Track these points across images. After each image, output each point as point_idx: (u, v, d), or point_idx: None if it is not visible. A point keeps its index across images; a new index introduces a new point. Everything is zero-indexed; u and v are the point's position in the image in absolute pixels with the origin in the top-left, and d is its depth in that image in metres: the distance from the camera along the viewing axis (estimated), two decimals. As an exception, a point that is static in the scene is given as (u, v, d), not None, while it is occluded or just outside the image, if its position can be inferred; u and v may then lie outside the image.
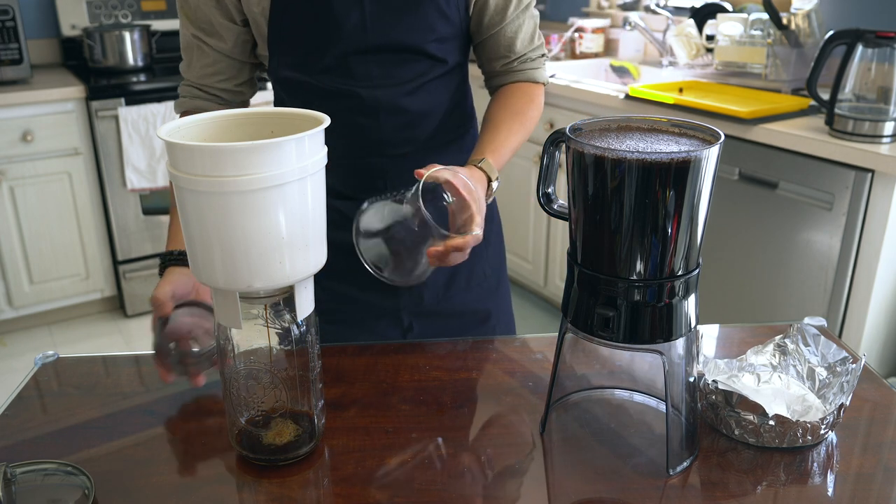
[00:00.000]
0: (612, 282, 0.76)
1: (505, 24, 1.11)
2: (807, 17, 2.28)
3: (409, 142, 1.12)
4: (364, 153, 1.11)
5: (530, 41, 1.15)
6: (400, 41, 1.05)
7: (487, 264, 1.24)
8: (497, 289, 1.27)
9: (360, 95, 1.07)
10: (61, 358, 1.05)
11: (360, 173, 1.13)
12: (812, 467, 0.81)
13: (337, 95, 1.07)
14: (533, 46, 1.16)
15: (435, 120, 1.13)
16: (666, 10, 2.85)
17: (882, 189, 1.77)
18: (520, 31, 1.13)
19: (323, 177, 0.77)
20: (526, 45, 1.15)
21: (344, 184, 1.13)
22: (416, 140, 1.12)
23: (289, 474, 0.81)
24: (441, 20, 1.06)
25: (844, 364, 0.90)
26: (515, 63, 1.15)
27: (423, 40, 1.06)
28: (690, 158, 0.70)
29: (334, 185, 1.13)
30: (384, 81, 1.07)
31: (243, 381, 0.82)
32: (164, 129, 0.73)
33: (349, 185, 1.14)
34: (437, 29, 1.07)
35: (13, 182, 2.76)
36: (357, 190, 1.13)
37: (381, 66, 1.06)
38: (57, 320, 3.09)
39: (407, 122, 1.10)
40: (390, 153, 1.12)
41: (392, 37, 1.04)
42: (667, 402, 0.80)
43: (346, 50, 1.04)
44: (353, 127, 1.09)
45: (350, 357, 1.05)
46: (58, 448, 0.87)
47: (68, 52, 3.23)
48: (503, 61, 1.15)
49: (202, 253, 0.73)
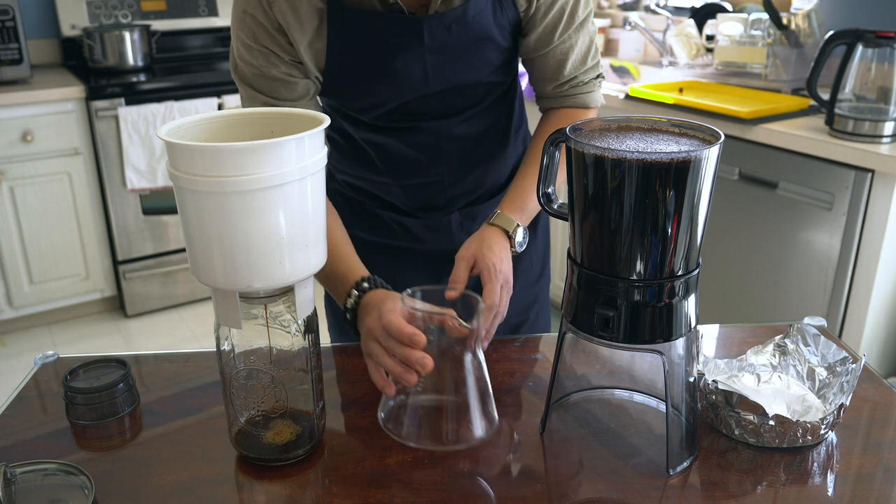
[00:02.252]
0: (613, 282, 0.76)
1: (553, 47, 1.04)
2: (807, 17, 2.28)
3: (467, 161, 1.11)
4: (423, 176, 1.11)
5: (582, 62, 1.07)
6: (460, 81, 1.03)
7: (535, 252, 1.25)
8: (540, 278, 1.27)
9: (419, 128, 1.06)
10: (61, 358, 1.05)
11: (419, 193, 1.13)
12: (812, 467, 0.81)
13: (394, 130, 1.07)
14: (585, 68, 1.08)
15: (492, 136, 1.12)
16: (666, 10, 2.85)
17: (882, 189, 1.77)
18: (570, 52, 1.05)
19: (323, 177, 0.77)
20: (577, 66, 1.06)
21: (405, 204, 1.14)
22: (474, 157, 1.12)
23: (289, 474, 0.81)
24: (497, 52, 1.03)
25: (844, 364, 0.90)
26: (566, 87, 1.08)
27: (482, 75, 1.04)
28: (690, 158, 0.70)
29: (394, 204, 1.15)
30: (443, 112, 1.06)
31: (243, 381, 0.82)
32: (164, 129, 0.73)
33: (409, 205, 1.14)
34: (495, 60, 1.03)
35: (13, 182, 2.75)
36: (417, 209, 1.14)
37: (440, 100, 1.04)
38: (57, 320, 3.09)
39: (465, 144, 1.10)
40: (449, 173, 1.11)
41: (452, 80, 1.02)
42: (667, 402, 0.80)
43: (407, 99, 1.03)
44: (410, 155, 1.09)
45: (350, 357, 1.05)
46: (58, 448, 0.87)
47: (68, 52, 3.23)
48: (552, 84, 1.08)
49: (202, 253, 0.73)
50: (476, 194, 1.16)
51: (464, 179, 1.13)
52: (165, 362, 1.05)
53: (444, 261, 1.15)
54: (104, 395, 0.90)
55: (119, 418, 0.92)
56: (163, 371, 1.03)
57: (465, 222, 1.16)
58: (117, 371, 0.94)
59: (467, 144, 1.10)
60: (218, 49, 3.54)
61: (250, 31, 0.95)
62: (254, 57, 0.96)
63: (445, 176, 1.11)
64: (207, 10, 3.45)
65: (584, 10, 1.04)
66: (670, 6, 2.93)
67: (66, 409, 0.92)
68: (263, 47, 0.95)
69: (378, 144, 1.08)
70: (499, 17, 0.99)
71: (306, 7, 0.93)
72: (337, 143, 1.12)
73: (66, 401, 0.91)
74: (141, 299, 3.11)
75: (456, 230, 1.15)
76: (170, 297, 3.17)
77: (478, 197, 1.16)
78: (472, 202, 1.16)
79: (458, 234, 1.15)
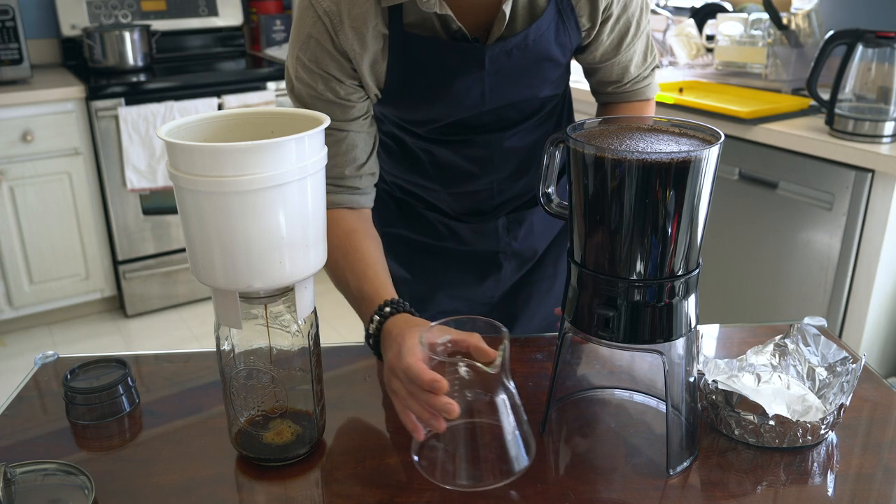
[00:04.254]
0: (613, 282, 0.76)
1: (618, 58, 1.03)
2: (807, 17, 2.28)
3: (518, 171, 1.11)
4: (473, 185, 1.11)
5: (643, 61, 1.06)
6: (517, 98, 1.02)
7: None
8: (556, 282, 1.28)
9: (472, 140, 1.06)
10: (61, 358, 1.05)
11: (467, 200, 1.13)
12: (812, 467, 0.81)
13: (447, 142, 1.06)
14: (645, 65, 1.07)
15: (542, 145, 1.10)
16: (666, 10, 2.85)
17: (882, 189, 1.77)
18: (634, 57, 1.04)
19: (323, 177, 0.77)
20: (638, 66, 1.06)
21: (452, 209, 1.14)
22: (523, 167, 1.11)
23: (289, 474, 0.81)
24: (555, 69, 1.01)
25: (844, 364, 0.90)
26: (627, 85, 1.08)
27: (539, 91, 1.03)
28: (690, 158, 0.70)
29: (442, 209, 1.15)
30: (497, 126, 1.05)
31: (243, 381, 0.82)
32: (164, 129, 0.73)
33: (457, 210, 1.14)
34: (551, 77, 1.02)
35: (13, 182, 2.75)
36: (464, 214, 1.14)
37: (496, 115, 1.04)
38: (57, 320, 3.09)
39: (516, 155, 1.09)
40: (499, 183, 1.11)
41: (509, 97, 1.02)
42: (667, 402, 0.80)
43: (462, 116, 1.02)
44: (462, 165, 1.08)
45: (350, 357, 1.05)
46: (58, 448, 0.87)
47: (68, 52, 3.23)
48: (615, 86, 1.08)
49: (202, 253, 0.73)
50: (523, 200, 1.15)
51: (513, 187, 1.12)
52: (165, 362, 1.05)
53: (488, 262, 1.16)
54: (104, 395, 0.90)
55: (119, 418, 0.91)
56: (163, 371, 1.03)
57: (511, 227, 1.16)
58: (117, 371, 0.94)
59: (519, 155, 1.09)
60: (218, 49, 3.54)
61: (312, 55, 0.93)
62: (313, 80, 0.94)
63: (495, 185, 1.11)
64: (207, 10, 3.45)
65: (646, 17, 1.02)
66: (670, 6, 2.93)
67: (66, 409, 0.92)
68: (324, 72, 0.94)
69: (431, 153, 1.08)
70: (561, 37, 0.96)
71: (372, 33, 0.91)
72: (389, 148, 1.11)
73: (66, 401, 0.91)
74: (141, 299, 3.11)
75: (502, 234, 1.15)
76: (170, 297, 3.17)
77: (524, 203, 1.16)
78: (518, 207, 1.16)
79: (503, 238, 1.15)
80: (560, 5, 0.93)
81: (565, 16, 0.94)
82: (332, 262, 0.95)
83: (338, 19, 0.89)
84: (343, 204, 1.00)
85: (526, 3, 0.92)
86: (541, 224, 1.17)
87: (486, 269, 1.16)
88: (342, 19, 0.89)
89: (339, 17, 0.89)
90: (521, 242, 1.16)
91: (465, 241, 1.15)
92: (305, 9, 0.91)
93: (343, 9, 0.89)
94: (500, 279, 1.18)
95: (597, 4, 0.94)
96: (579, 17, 0.95)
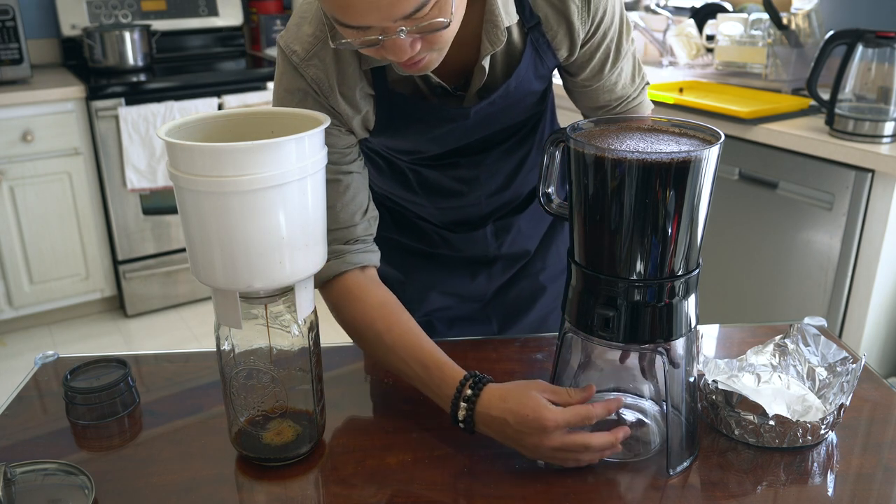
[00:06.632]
0: (613, 282, 0.76)
1: (602, 82, 0.99)
2: (807, 17, 2.28)
3: (504, 184, 1.12)
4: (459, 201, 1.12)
5: (631, 81, 1.02)
6: (501, 126, 1.03)
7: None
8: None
9: (458, 163, 1.06)
10: (61, 358, 1.05)
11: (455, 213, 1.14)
12: (812, 467, 0.81)
13: (433, 165, 1.07)
14: (634, 86, 1.02)
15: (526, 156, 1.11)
16: (666, 10, 2.85)
17: (882, 189, 1.77)
18: (620, 78, 1.00)
19: (323, 176, 0.77)
20: (627, 87, 1.02)
21: (440, 220, 1.15)
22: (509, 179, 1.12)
23: (289, 474, 0.81)
24: (536, 97, 1.01)
25: (844, 364, 0.90)
26: (617, 107, 1.04)
27: (522, 117, 1.04)
28: (690, 158, 0.70)
29: (433, 220, 1.16)
30: (481, 148, 1.06)
31: (243, 381, 0.82)
32: (164, 129, 0.73)
33: (444, 222, 1.16)
34: (533, 104, 1.03)
35: (13, 182, 2.75)
36: (455, 225, 1.16)
37: (480, 140, 1.04)
38: (57, 320, 3.09)
39: (502, 171, 1.10)
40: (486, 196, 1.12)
41: (494, 126, 1.01)
42: (667, 402, 0.80)
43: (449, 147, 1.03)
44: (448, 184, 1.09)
45: (350, 357, 1.05)
46: (58, 448, 0.87)
47: (68, 52, 3.22)
48: (603, 109, 1.04)
49: (202, 253, 0.73)
50: (509, 208, 1.17)
51: (500, 199, 1.13)
52: (165, 362, 1.05)
53: (479, 264, 1.19)
54: (104, 395, 0.90)
55: (119, 418, 0.92)
56: (163, 371, 1.03)
57: (499, 233, 1.17)
58: (117, 371, 0.94)
59: (505, 171, 1.10)
60: (218, 49, 3.54)
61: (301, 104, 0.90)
62: None
63: (483, 200, 1.12)
64: (207, 10, 3.45)
65: (628, 38, 0.98)
66: (670, 6, 2.93)
67: (66, 409, 0.92)
68: None
69: (418, 172, 1.08)
70: (539, 70, 0.95)
71: (360, 94, 0.90)
72: (376, 164, 1.12)
73: (66, 401, 0.91)
74: (141, 299, 3.11)
75: (490, 240, 1.16)
76: (170, 297, 3.17)
77: (511, 210, 1.17)
78: (504, 215, 1.17)
79: (492, 243, 1.17)
80: (536, 44, 0.92)
81: (542, 52, 0.93)
82: (371, 335, 0.90)
83: (327, 86, 0.88)
84: (358, 264, 0.94)
85: (503, 50, 0.92)
86: (528, 226, 1.18)
87: (477, 268, 1.18)
88: (332, 86, 0.88)
89: (328, 83, 0.88)
90: (510, 246, 1.17)
91: (457, 247, 1.17)
92: (292, 71, 0.88)
93: (331, 75, 0.88)
94: (492, 276, 1.19)
95: (574, 39, 0.92)
96: (556, 50, 0.94)
